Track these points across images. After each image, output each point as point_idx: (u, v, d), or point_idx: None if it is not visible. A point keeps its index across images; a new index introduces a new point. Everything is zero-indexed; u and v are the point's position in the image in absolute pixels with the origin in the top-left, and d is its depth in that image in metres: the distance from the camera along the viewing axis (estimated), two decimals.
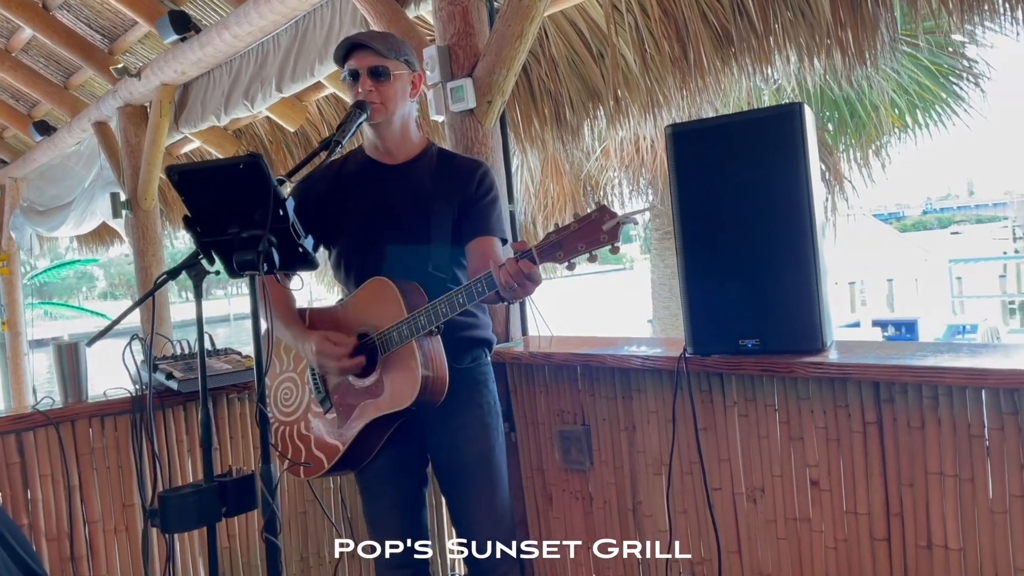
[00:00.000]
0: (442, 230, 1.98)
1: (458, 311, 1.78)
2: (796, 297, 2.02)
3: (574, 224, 1.59)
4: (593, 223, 1.57)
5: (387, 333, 1.88)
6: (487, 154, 2.88)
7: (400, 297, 1.86)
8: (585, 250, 1.58)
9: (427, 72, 2.93)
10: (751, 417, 2.20)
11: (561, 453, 2.70)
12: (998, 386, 1.68)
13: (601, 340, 2.80)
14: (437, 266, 1.96)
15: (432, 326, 1.81)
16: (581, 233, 1.58)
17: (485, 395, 2.11)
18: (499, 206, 2.08)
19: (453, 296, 1.78)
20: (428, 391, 1.85)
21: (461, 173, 2.06)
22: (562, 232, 1.61)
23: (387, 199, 2.03)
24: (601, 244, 1.57)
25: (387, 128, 2.02)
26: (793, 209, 2.01)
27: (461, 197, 2.03)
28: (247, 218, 1.40)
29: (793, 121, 2.01)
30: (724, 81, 3.41)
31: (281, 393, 2.09)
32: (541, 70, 3.92)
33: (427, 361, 1.85)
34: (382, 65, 1.97)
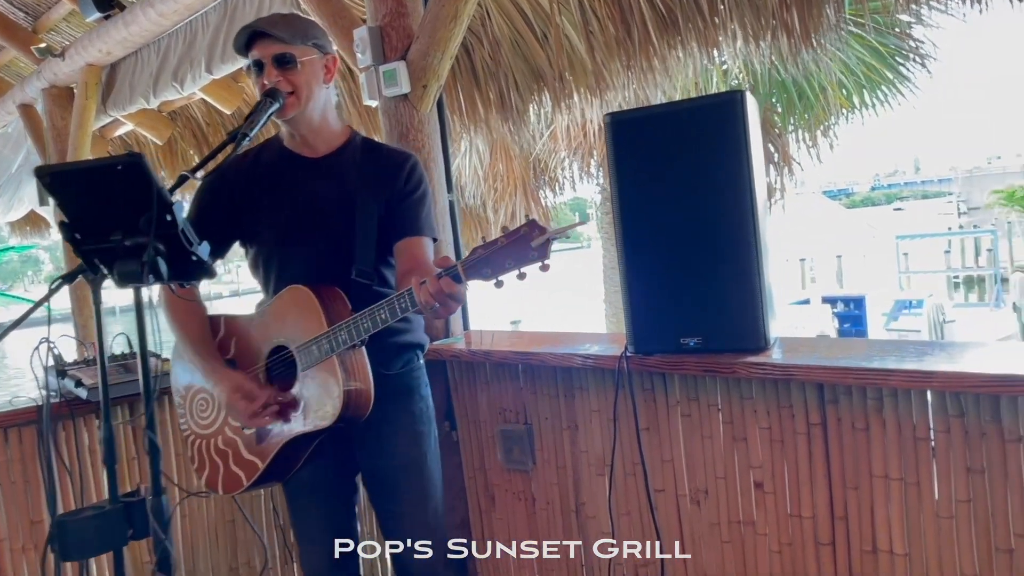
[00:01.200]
0: (367, 229, 1.85)
1: (381, 327, 1.66)
2: (738, 294, 1.94)
3: (502, 239, 1.48)
4: (522, 239, 1.46)
5: (306, 347, 1.75)
6: (423, 141, 2.75)
7: (320, 308, 1.73)
8: (513, 267, 1.47)
9: (358, 55, 2.78)
10: (694, 417, 2.13)
11: (503, 453, 2.61)
12: (943, 389, 1.62)
13: (543, 336, 2.70)
14: (361, 271, 1.83)
15: (353, 342, 1.69)
16: (509, 249, 1.46)
17: (416, 401, 1.99)
18: (429, 203, 1.95)
19: (375, 311, 1.66)
20: (351, 407, 1.73)
21: (388, 166, 1.93)
22: (489, 248, 1.49)
23: (307, 195, 1.89)
24: (530, 261, 1.46)
25: (303, 119, 1.87)
26: (735, 203, 1.93)
27: (388, 193, 1.89)
28: (131, 224, 1.25)
29: (735, 110, 1.92)
30: (670, 64, 3.32)
31: (197, 405, 1.96)
32: (484, 51, 3.79)
33: (349, 376, 1.73)
34: (288, 52, 1.81)
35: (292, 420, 1.80)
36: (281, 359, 1.82)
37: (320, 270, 1.84)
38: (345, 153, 1.94)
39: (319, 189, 1.89)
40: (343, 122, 2.03)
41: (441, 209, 2.80)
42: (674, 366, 2.04)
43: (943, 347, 1.76)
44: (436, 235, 1.95)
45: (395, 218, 1.88)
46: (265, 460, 1.83)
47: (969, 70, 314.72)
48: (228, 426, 1.90)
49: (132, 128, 5.79)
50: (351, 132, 1.99)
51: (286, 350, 1.80)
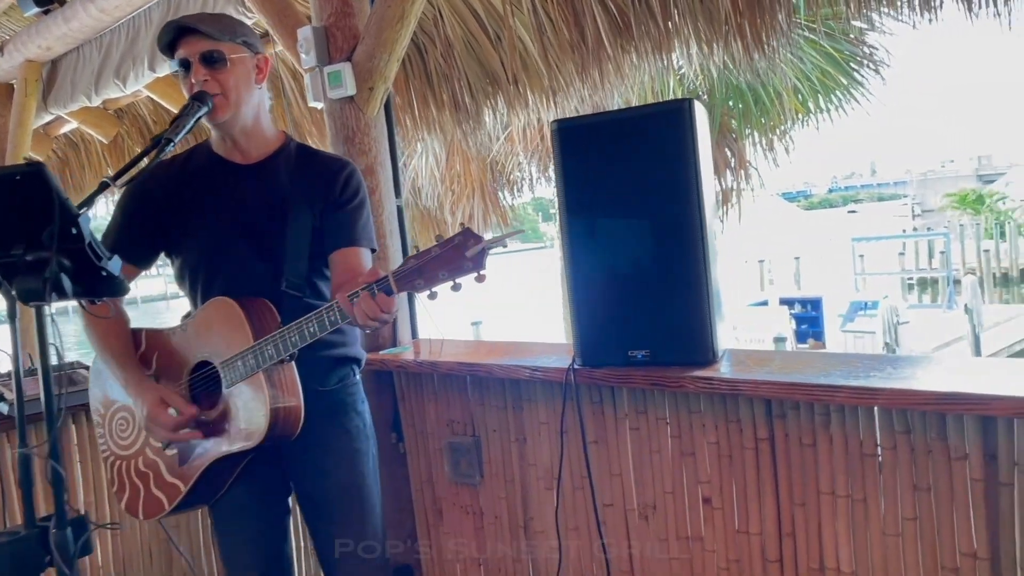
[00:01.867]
0: (299, 240, 1.76)
1: (310, 340, 1.59)
2: (686, 307, 1.90)
3: (435, 249, 1.41)
4: (456, 248, 1.39)
5: (231, 362, 1.66)
6: (370, 144, 2.68)
7: (246, 321, 1.65)
8: (447, 278, 1.41)
9: (302, 55, 2.69)
10: (643, 431, 2.08)
11: (451, 466, 2.55)
12: (889, 406, 1.60)
13: (494, 347, 2.65)
14: (292, 282, 1.75)
15: (281, 356, 1.60)
16: (443, 259, 1.40)
17: (353, 419, 1.91)
18: (367, 212, 1.87)
19: (304, 325, 1.58)
20: (280, 426, 1.65)
21: (323, 174, 1.84)
22: (422, 258, 1.42)
23: (237, 204, 1.80)
24: (464, 272, 1.40)
25: (234, 122, 1.78)
26: (683, 214, 1.89)
27: (323, 202, 1.81)
28: (34, 238, 1.16)
29: (683, 118, 1.88)
30: (624, 68, 3.28)
31: (117, 424, 1.85)
32: (437, 52, 3.71)
33: (277, 393, 1.65)
34: (216, 50, 1.72)
35: (216, 440, 1.71)
36: (205, 375, 1.73)
37: (249, 282, 1.75)
38: (278, 159, 1.85)
39: (249, 197, 1.80)
40: (277, 127, 1.94)
41: (389, 215, 2.73)
42: (622, 379, 1.99)
43: (892, 362, 1.74)
44: (374, 245, 1.88)
45: (330, 228, 1.80)
46: (188, 482, 1.74)
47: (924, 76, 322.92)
48: (149, 447, 1.80)
49: (77, 126, 5.61)
50: (285, 138, 1.91)
51: (210, 366, 1.71)
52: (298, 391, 1.67)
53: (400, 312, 2.75)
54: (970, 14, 2.42)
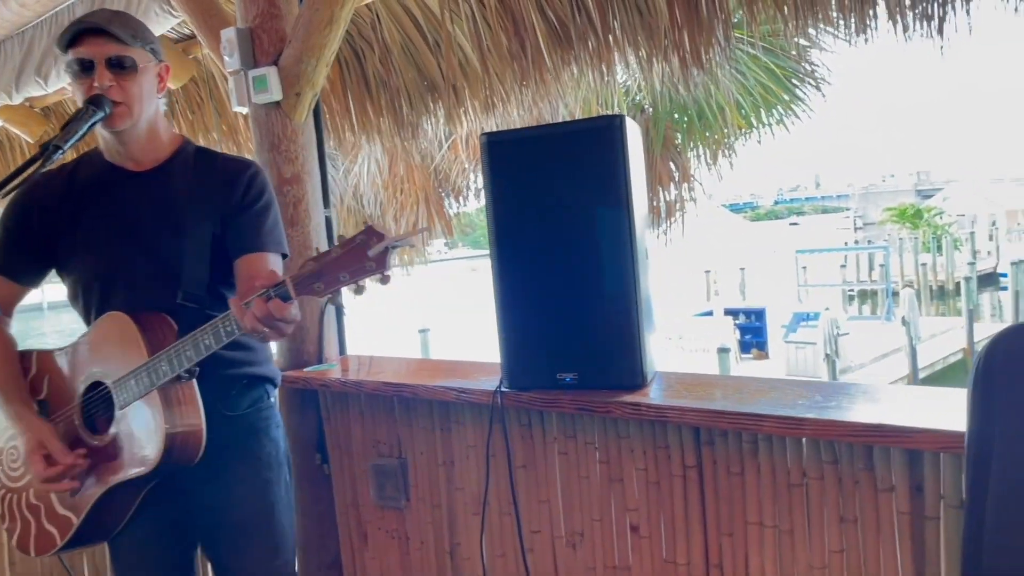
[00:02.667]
0: (197, 248, 1.64)
1: (206, 354, 1.47)
2: (615, 329, 1.85)
3: (336, 250, 1.32)
4: (357, 248, 1.30)
5: (124, 381, 1.54)
6: (297, 152, 2.57)
7: (140, 336, 1.53)
8: (349, 280, 1.31)
9: (225, 58, 2.57)
10: (571, 456, 2.02)
11: (376, 489, 2.45)
12: (815, 436, 1.56)
13: (422, 365, 2.56)
14: (190, 294, 1.63)
15: (176, 372, 1.49)
16: (344, 260, 1.30)
17: (265, 444, 1.80)
18: (274, 215, 1.75)
19: (199, 337, 1.46)
20: (177, 451, 1.53)
21: (223, 177, 1.72)
22: (321, 259, 1.33)
23: (130, 215, 1.67)
24: (367, 273, 1.30)
25: (132, 132, 1.66)
26: (613, 233, 1.83)
27: (225, 206, 1.69)
28: None
29: (614, 134, 1.82)
30: (565, 79, 3.23)
31: (7, 455, 1.71)
32: (375, 57, 3.61)
33: (175, 415, 1.53)
34: (127, 56, 1.60)
35: (109, 467, 1.58)
36: (98, 396, 1.61)
37: (146, 296, 1.63)
38: (174, 164, 1.73)
39: (143, 206, 1.68)
40: (173, 130, 1.82)
41: (316, 226, 2.62)
42: (549, 403, 1.93)
43: (822, 390, 1.70)
44: (285, 250, 1.76)
45: (234, 233, 1.69)
46: (80, 514, 1.61)
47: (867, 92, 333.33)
48: None
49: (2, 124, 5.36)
50: (182, 141, 1.79)
51: (103, 386, 1.59)
52: (199, 413, 1.56)
53: (327, 328, 2.64)
54: (904, 34, 2.42)
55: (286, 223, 2.55)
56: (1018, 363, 1.22)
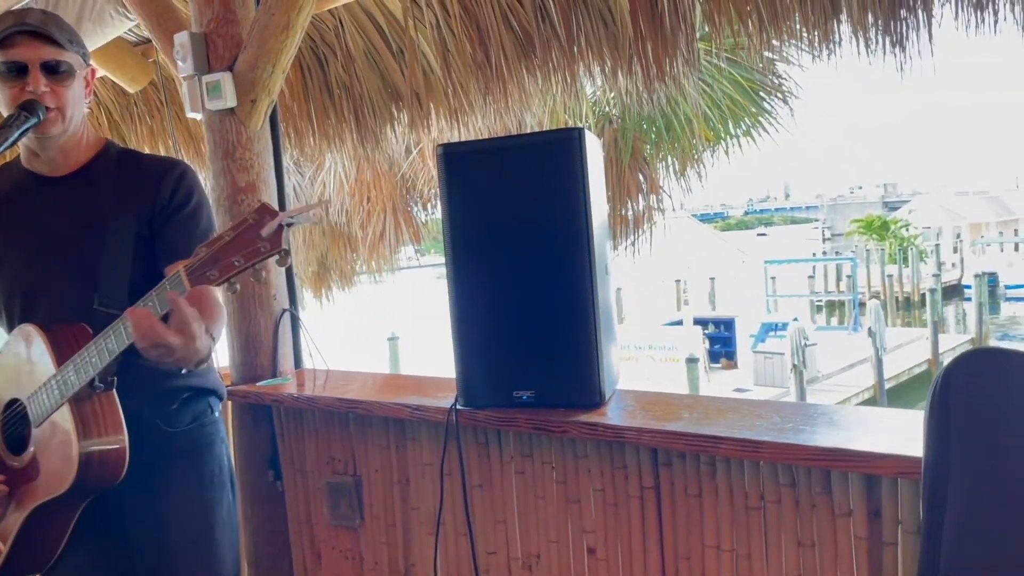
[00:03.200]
0: (118, 252, 1.56)
1: (111, 359, 1.38)
2: (573, 346, 1.80)
3: (228, 233, 1.23)
4: (250, 228, 1.21)
5: (36, 396, 1.46)
6: (252, 159, 2.51)
7: (48, 347, 1.45)
8: (244, 265, 1.22)
9: (179, 62, 2.50)
10: (528, 475, 1.97)
11: (330, 507, 2.38)
12: (772, 460, 1.53)
13: (380, 380, 2.50)
14: (108, 301, 1.53)
15: (87, 381, 1.40)
16: (236, 243, 1.21)
17: (208, 462, 1.72)
18: (206, 218, 1.68)
19: (101, 342, 1.38)
20: (94, 469, 1.44)
21: (148, 178, 1.64)
22: (214, 244, 1.24)
23: (50, 222, 1.59)
24: (263, 254, 1.21)
25: (60, 137, 1.59)
26: (571, 248, 1.79)
27: (149, 209, 1.61)
28: None
29: (572, 147, 1.78)
30: (529, 89, 3.19)
31: None
32: (338, 64, 3.55)
33: (88, 429, 1.44)
34: (63, 60, 1.53)
35: (28, 489, 1.50)
36: (16, 414, 1.52)
37: (65, 305, 1.55)
38: (95, 168, 1.65)
39: (64, 212, 1.60)
40: (95, 132, 1.75)
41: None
42: (506, 422, 1.88)
43: (781, 411, 1.67)
44: None
45: (162, 240, 1.61)
46: (7, 540, 1.53)
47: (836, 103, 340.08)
48: None
49: None
50: (104, 143, 1.71)
51: (17, 403, 1.51)
52: (120, 426, 1.47)
53: (282, 340, 2.57)
54: (867, 50, 2.42)
55: None
56: (974, 390, 1.20)
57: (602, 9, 2.85)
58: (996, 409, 1.19)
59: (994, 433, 1.19)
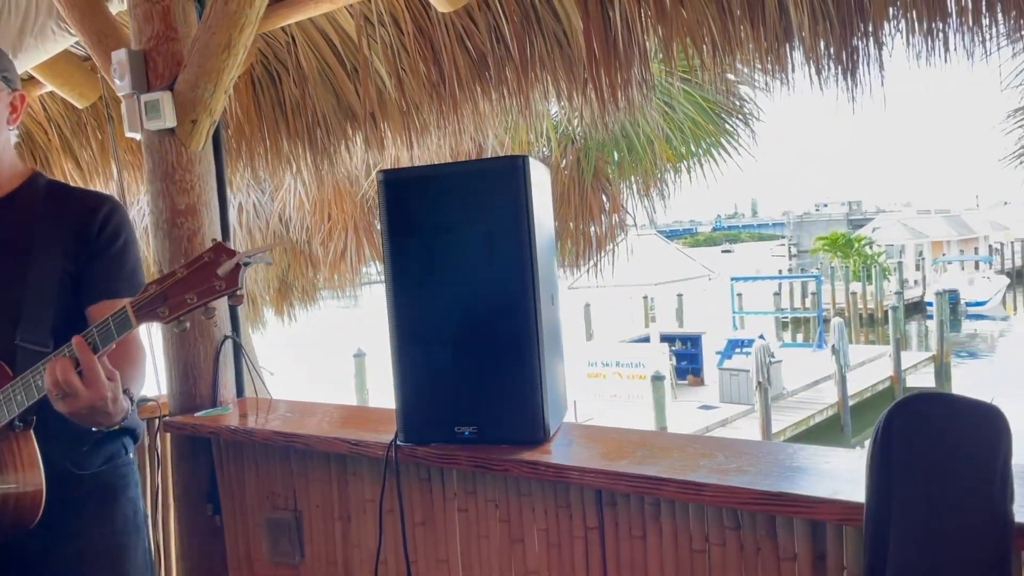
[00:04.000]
0: (42, 286, 1.49)
1: (39, 397, 1.32)
2: (516, 380, 1.75)
3: (181, 270, 1.21)
4: (206, 267, 1.20)
5: None
6: (193, 182, 2.42)
7: None
8: (198, 303, 1.20)
9: (116, 80, 2.42)
10: (471, 513, 1.90)
11: (269, 543, 2.29)
12: (715, 503, 1.47)
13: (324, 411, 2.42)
14: (30, 336, 1.47)
15: (7, 421, 1.33)
16: (190, 281, 1.20)
17: (122, 505, 1.63)
18: (133, 257, 1.61)
19: (31, 377, 1.31)
20: (8, 514, 1.36)
21: (76, 212, 1.58)
22: (165, 281, 1.22)
23: None
24: (217, 293, 1.20)
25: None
26: (514, 278, 1.74)
27: (76, 245, 1.55)
28: None
29: (516, 175, 1.73)
30: (484, 110, 3.15)
31: None
32: (291, 81, 3.48)
33: (4, 470, 1.36)
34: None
35: None
36: None
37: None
38: (19, 199, 1.58)
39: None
40: (23, 162, 1.67)
41: None
42: (446, 460, 1.81)
43: (727, 449, 1.62)
44: None
45: (87, 278, 1.54)
46: None
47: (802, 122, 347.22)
48: None
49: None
50: (31, 174, 1.64)
51: None
52: (36, 469, 1.39)
53: (223, 368, 2.48)
54: (819, 78, 2.40)
55: (179, 257, 2.40)
56: (914, 435, 1.16)
57: (556, 31, 2.82)
58: (935, 454, 1.15)
59: (933, 478, 1.16)
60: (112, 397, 1.28)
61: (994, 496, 1.12)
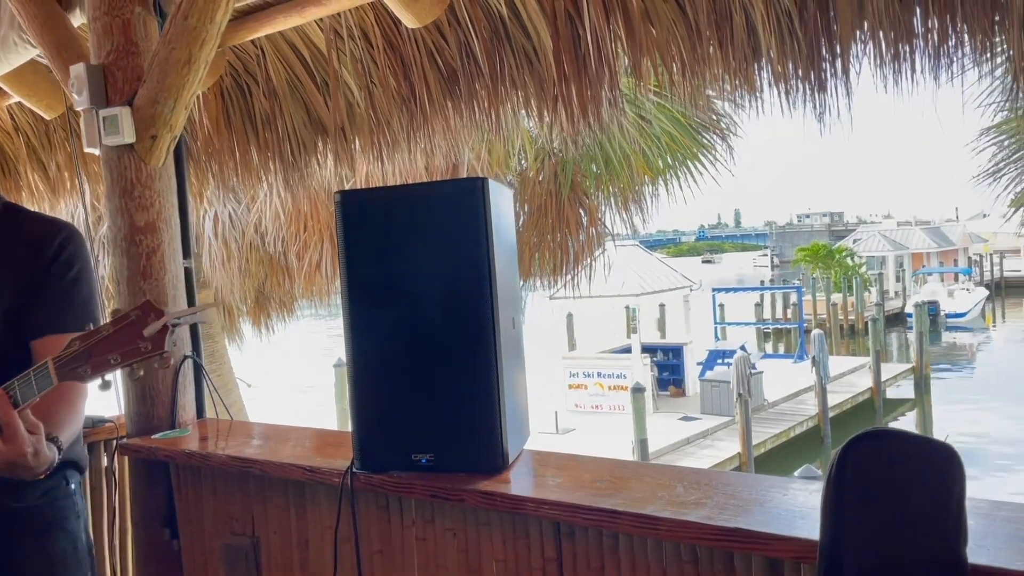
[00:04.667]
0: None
1: None
2: (474, 407, 1.71)
3: (107, 327, 1.17)
4: (132, 326, 1.15)
5: None
6: (153, 198, 2.37)
7: None
8: (120, 363, 1.16)
9: (74, 95, 2.37)
10: (429, 542, 1.85)
11: (227, 570, 2.23)
12: (671, 538, 1.44)
13: (285, 434, 2.37)
14: None
15: None
16: (116, 340, 1.15)
17: (60, 539, 1.57)
18: (86, 289, 1.56)
19: None
20: None
21: (30, 240, 1.53)
22: (89, 339, 1.18)
23: None
24: (142, 355, 1.15)
25: None
26: (472, 302, 1.70)
27: (26, 274, 1.50)
28: None
29: (475, 198, 1.70)
30: (456, 125, 3.11)
31: None
32: (260, 93, 3.43)
33: None
34: None
35: None
36: None
37: None
38: None
39: None
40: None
41: (173, 278, 2.42)
42: (402, 488, 1.77)
43: (687, 478, 1.59)
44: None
45: (36, 309, 1.49)
46: None
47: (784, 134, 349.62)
48: None
49: None
50: None
51: None
52: None
53: (183, 389, 2.42)
54: (787, 98, 2.39)
55: (137, 275, 2.36)
56: (867, 472, 1.14)
57: (527, 48, 2.79)
58: (888, 494, 1.13)
59: (886, 518, 1.13)
60: (33, 451, 1.23)
61: (947, 537, 1.09)
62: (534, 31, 2.74)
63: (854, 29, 2.17)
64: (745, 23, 2.30)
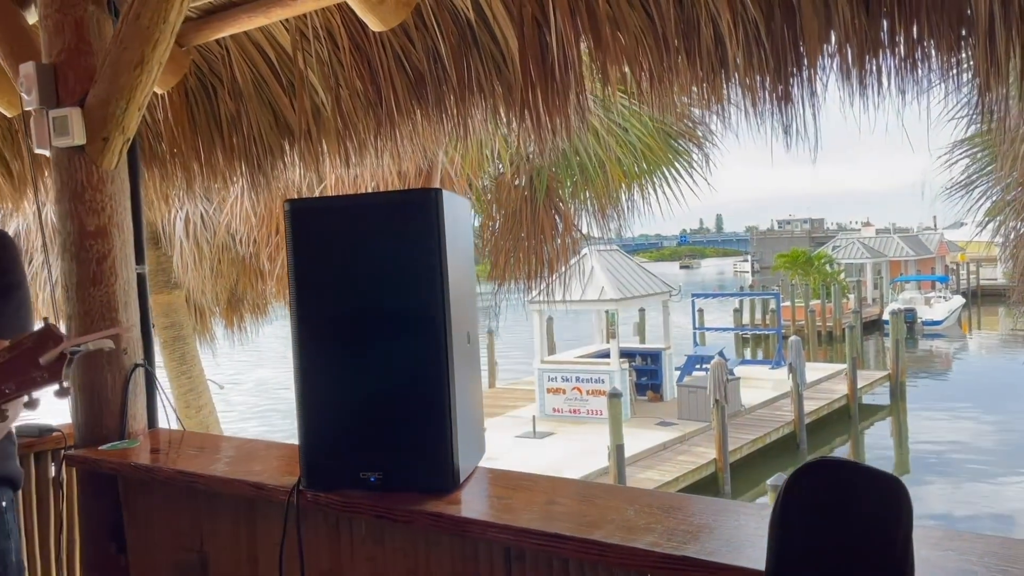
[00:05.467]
0: None
1: None
2: (424, 424, 1.66)
3: (3, 353, 1.09)
4: (28, 353, 1.08)
5: None
6: (104, 202, 2.31)
7: None
8: (16, 392, 1.09)
9: (23, 95, 2.30)
10: (379, 562, 1.80)
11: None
12: (619, 566, 1.40)
13: (239, 446, 2.31)
14: None
15: None
16: (10, 368, 1.08)
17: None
18: (19, 298, 1.50)
19: None
20: None
21: None
22: None
23: None
24: (37, 385, 1.08)
25: None
26: (424, 316, 1.65)
27: None
28: None
29: (428, 210, 1.65)
30: (425, 131, 3.06)
31: None
32: (226, 94, 3.36)
33: None
34: None
35: None
36: None
37: None
38: None
39: None
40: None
41: (125, 283, 2.35)
42: (349, 507, 1.72)
43: (640, 500, 1.55)
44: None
45: None
46: None
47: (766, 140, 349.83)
48: None
49: None
50: None
51: None
52: None
53: (133, 398, 2.36)
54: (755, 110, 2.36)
55: (87, 282, 2.29)
56: (814, 502, 1.10)
57: (495, 53, 2.75)
58: (833, 523, 1.09)
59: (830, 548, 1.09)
60: None
61: (893, 571, 1.06)
62: (502, 37, 2.70)
63: (821, 42, 2.14)
64: (712, 34, 2.27)
